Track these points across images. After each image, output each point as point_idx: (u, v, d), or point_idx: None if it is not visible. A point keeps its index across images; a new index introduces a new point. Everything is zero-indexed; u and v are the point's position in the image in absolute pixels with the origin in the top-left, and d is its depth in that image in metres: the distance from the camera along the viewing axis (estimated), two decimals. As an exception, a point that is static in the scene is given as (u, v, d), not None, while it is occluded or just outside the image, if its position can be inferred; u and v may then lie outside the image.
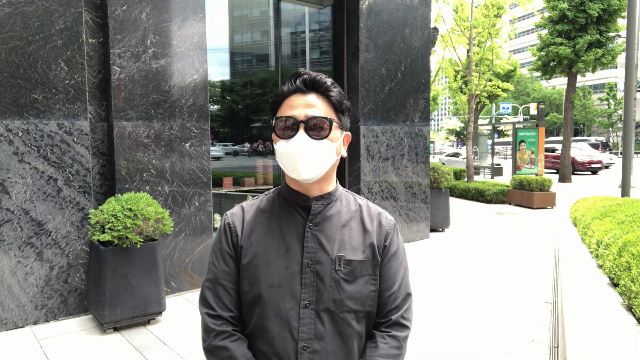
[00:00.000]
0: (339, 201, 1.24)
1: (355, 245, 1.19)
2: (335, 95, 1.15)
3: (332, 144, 1.14)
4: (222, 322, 1.19)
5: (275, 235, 1.20)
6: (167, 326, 3.71)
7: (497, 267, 5.44)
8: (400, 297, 1.22)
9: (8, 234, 3.59)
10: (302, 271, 1.15)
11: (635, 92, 8.09)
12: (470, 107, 13.28)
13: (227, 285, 1.21)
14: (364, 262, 1.18)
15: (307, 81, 1.13)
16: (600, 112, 51.38)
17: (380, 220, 1.25)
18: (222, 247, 1.23)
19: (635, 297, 3.05)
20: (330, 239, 1.18)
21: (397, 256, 1.24)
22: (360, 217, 1.24)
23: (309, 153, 1.10)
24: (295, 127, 1.11)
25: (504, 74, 21.38)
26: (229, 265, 1.21)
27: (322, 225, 1.19)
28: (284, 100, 1.16)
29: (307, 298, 1.14)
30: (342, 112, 1.18)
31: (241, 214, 1.26)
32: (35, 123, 3.69)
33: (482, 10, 13.14)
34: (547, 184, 10.50)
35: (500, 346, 3.33)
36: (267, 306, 1.15)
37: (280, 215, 1.22)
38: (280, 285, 1.15)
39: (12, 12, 3.55)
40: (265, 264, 1.17)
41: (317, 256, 1.16)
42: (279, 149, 1.14)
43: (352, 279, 1.16)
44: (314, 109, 1.12)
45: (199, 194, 4.57)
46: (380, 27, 6.14)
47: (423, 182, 6.82)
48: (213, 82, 5.64)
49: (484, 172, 18.98)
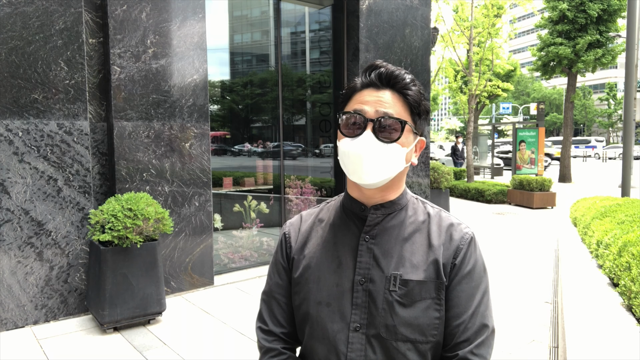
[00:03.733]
0: (403, 211, 1.08)
1: (417, 263, 1.02)
2: (414, 94, 1.01)
3: (402, 148, 1.00)
4: (274, 338, 1.11)
5: (329, 248, 1.08)
6: (167, 326, 3.71)
7: (497, 267, 5.44)
8: (472, 328, 1.01)
9: (8, 234, 3.59)
10: (353, 289, 1.02)
11: (635, 92, 8.09)
12: (470, 107, 13.28)
13: (281, 300, 1.12)
14: (424, 283, 1.01)
15: (383, 75, 1.00)
16: (600, 112, 51.42)
17: (452, 234, 1.06)
18: (277, 259, 1.15)
19: (635, 297, 3.05)
20: (387, 254, 1.03)
21: (470, 277, 1.04)
22: (428, 229, 1.07)
23: (375, 156, 0.97)
24: (363, 125, 0.98)
25: (504, 74, 21.38)
26: (282, 278, 1.13)
27: (380, 238, 1.04)
28: (354, 94, 1.03)
29: (357, 320, 1.01)
30: (418, 114, 1.03)
31: (298, 224, 1.16)
32: (35, 123, 3.69)
33: (482, 10, 13.15)
34: (547, 184, 10.50)
35: (500, 346, 3.33)
36: (314, 326, 1.04)
37: (336, 225, 1.10)
38: (330, 304, 1.03)
39: (12, 12, 3.55)
40: (315, 279, 1.06)
41: (370, 273, 1.02)
42: (342, 147, 1.01)
43: (409, 302, 1.00)
44: (387, 107, 0.99)
45: (199, 194, 4.57)
46: (380, 27, 6.14)
47: (423, 182, 6.82)
48: (213, 82, 5.64)
49: (484, 172, 18.98)
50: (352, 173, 1.01)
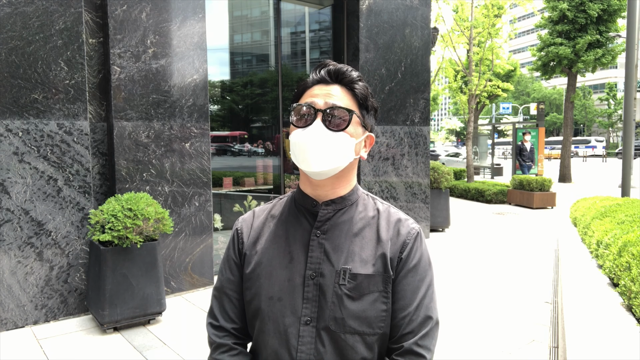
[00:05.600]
0: (354, 206, 1.11)
1: (366, 258, 1.05)
2: (361, 89, 1.07)
3: (350, 138, 1.04)
4: (224, 334, 1.13)
5: (280, 243, 1.10)
6: (167, 326, 3.71)
7: (497, 267, 5.44)
8: (417, 319, 1.04)
9: (8, 234, 3.59)
10: (304, 284, 1.04)
11: (635, 92, 8.09)
12: (470, 107, 13.28)
13: (232, 295, 1.14)
14: (372, 277, 1.04)
15: (331, 72, 1.06)
16: (600, 112, 51.38)
17: (399, 229, 1.09)
18: (229, 254, 1.17)
19: (635, 297, 3.05)
20: (337, 249, 1.06)
21: (416, 271, 1.07)
22: (377, 224, 1.10)
23: (324, 144, 1.01)
24: (314, 115, 1.03)
25: (504, 74, 21.38)
26: (234, 273, 1.14)
27: (331, 233, 1.07)
28: (306, 90, 1.08)
29: (308, 314, 1.03)
30: (366, 109, 1.08)
31: (251, 219, 1.18)
32: (35, 123, 3.69)
33: (482, 10, 13.15)
34: (547, 184, 10.50)
35: (500, 346, 3.33)
36: (266, 320, 1.06)
37: (288, 221, 1.12)
38: (281, 298, 1.05)
39: (12, 12, 3.55)
40: (267, 274, 1.08)
41: (321, 267, 1.04)
42: (292, 138, 1.05)
43: (358, 295, 1.03)
44: (336, 100, 1.04)
45: (199, 194, 4.57)
46: (380, 27, 6.14)
47: (423, 182, 6.82)
48: (213, 82, 5.64)
49: (484, 172, 18.98)
50: (302, 161, 1.04)
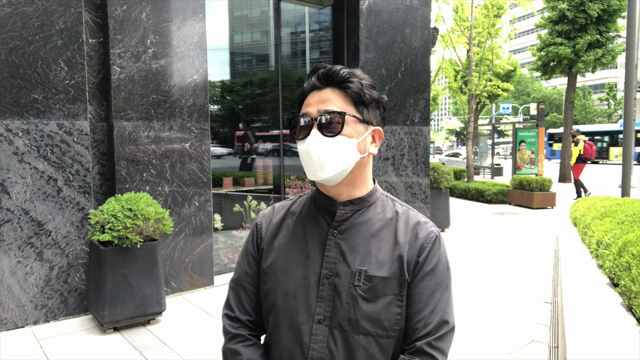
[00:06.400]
0: (372, 207, 1.11)
1: (382, 260, 1.05)
2: (353, 86, 1.04)
3: (349, 140, 1.02)
4: (239, 325, 1.14)
5: (298, 241, 1.11)
6: (167, 326, 3.71)
7: (497, 267, 5.44)
8: (432, 323, 1.04)
9: (8, 234, 3.59)
10: (319, 282, 1.05)
11: (635, 92, 8.09)
12: (470, 107, 13.28)
13: (248, 288, 1.15)
14: (387, 280, 1.03)
15: (321, 76, 1.05)
16: (600, 112, 51.40)
17: (418, 232, 1.08)
18: (248, 248, 1.18)
19: (635, 297, 3.05)
20: (354, 250, 1.05)
21: (433, 275, 1.06)
22: (395, 226, 1.09)
23: (322, 151, 1.01)
24: (310, 125, 1.03)
25: (504, 74, 21.38)
26: (252, 267, 1.16)
27: (348, 233, 1.07)
28: (303, 99, 1.08)
29: (322, 313, 1.03)
30: (363, 104, 1.05)
31: (270, 215, 1.19)
32: (35, 123, 3.69)
33: (482, 10, 13.15)
34: (547, 184, 10.51)
35: (500, 346, 3.33)
36: (280, 316, 1.07)
37: (307, 219, 1.12)
38: (296, 295, 1.06)
39: (12, 12, 3.55)
40: (283, 270, 1.09)
41: (337, 267, 1.05)
42: (298, 150, 1.06)
43: (372, 297, 1.02)
44: (328, 104, 1.03)
45: (199, 194, 4.57)
46: (380, 27, 6.14)
47: (423, 182, 6.82)
48: (213, 82, 5.64)
49: (484, 172, 18.98)
50: (308, 171, 1.05)
